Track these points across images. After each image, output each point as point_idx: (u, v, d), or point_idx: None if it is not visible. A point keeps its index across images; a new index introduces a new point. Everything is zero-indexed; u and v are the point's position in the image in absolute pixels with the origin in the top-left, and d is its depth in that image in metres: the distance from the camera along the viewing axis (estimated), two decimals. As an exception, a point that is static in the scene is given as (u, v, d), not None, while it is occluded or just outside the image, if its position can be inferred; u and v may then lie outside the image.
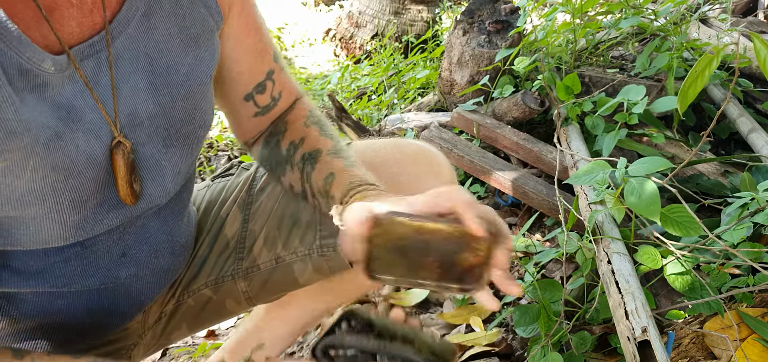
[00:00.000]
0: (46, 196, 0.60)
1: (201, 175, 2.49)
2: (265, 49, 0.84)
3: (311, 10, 5.14)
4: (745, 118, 1.55)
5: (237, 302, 0.96)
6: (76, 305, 0.76)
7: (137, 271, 0.79)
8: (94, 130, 0.63)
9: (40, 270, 0.70)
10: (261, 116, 0.88)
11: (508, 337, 1.28)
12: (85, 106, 0.62)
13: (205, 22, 0.73)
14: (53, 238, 0.65)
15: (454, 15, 3.71)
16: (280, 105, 0.90)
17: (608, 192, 1.09)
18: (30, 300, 0.73)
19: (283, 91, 0.89)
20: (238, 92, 0.85)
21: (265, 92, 0.86)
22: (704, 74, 0.84)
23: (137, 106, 0.67)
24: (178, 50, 0.70)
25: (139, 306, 0.84)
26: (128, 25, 0.65)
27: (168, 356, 1.45)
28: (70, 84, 0.61)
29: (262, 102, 0.87)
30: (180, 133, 0.73)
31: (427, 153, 0.94)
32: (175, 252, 0.85)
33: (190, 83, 0.72)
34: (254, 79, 0.85)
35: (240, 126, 0.90)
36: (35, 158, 0.57)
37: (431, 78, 2.65)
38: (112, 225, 0.70)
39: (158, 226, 0.79)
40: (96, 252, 0.72)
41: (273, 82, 0.87)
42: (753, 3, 2.62)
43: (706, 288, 0.99)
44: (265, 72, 0.85)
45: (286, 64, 0.91)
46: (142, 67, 0.67)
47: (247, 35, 0.81)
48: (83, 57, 0.61)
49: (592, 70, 1.84)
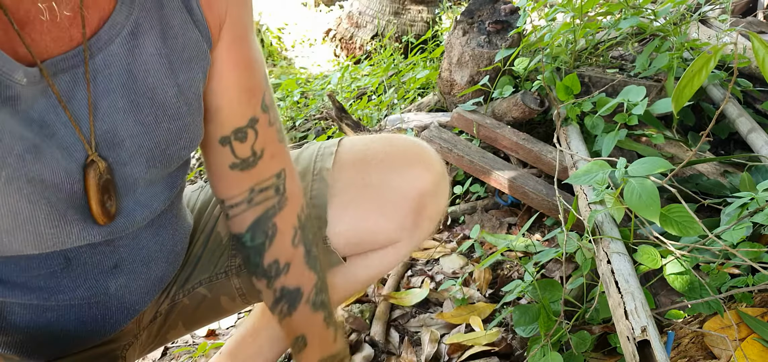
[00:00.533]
0: (20, 209, 0.58)
1: (202, 176, 2.49)
2: (252, 91, 0.77)
3: (311, 10, 5.14)
4: (744, 118, 1.55)
5: (232, 299, 0.96)
6: (66, 317, 0.74)
7: (129, 282, 0.77)
8: (67, 146, 0.61)
9: (23, 281, 0.68)
10: (239, 171, 0.79)
11: (507, 337, 1.28)
12: (58, 121, 0.60)
13: (198, 44, 0.70)
14: (28, 247, 0.62)
15: (454, 15, 3.71)
16: (262, 166, 0.80)
17: (608, 192, 1.09)
18: (17, 312, 0.71)
19: (267, 150, 0.80)
20: (213, 131, 0.77)
21: (245, 141, 0.78)
22: (701, 73, 0.84)
23: (116, 125, 0.64)
24: (166, 71, 0.67)
25: (132, 313, 0.82)
26: (111, 43, 0.62)
27: (168, 356, 1.45)
28: (43, 98, 0.59)
29: (240, 152, 0.78)
30: (165, 154, 0.70)
31: (417, 147, 0.96)
32: (169, 260, 0.83)
33: (178, 105, 0.69)
34: (233, 122, 0.76)
35: (216, 176, 0.81)
36: (8, 169, 0.55)
37: (431, 78, 2.65)
38: (93, 241, 0.68)
39: (151, 237, 0.77)
40: (83, 264, 0.70)
41: (256, 133, 0.78)
42: (753, 3, 2.62)
43: (706, 288, 0.99)
44: (248, 117, 0.77)
45: (278, 122, 0.83)
46: (123, 85, 0.64)
47: (234, 71, 0.75)
48: (57, 71, 0.59)
49: (592, 71, 1.84)
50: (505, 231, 1.68)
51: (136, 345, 0.91)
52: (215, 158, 0.79)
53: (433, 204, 0.96)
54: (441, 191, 0.97)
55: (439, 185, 0.96)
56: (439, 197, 0.96)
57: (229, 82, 0.75)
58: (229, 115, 0.76)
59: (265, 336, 1.12)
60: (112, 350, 0.86)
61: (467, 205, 1.83)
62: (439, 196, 0.96)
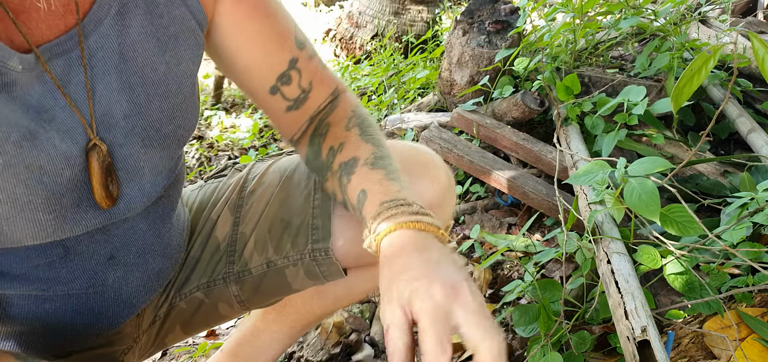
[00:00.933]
0: (18, 195, 0.59)
1: (203, 176, 2.49)
2: (281, 35, 0.79)
3: (311, 10, 5.14)
4: (744, 118, 1.55)
5: (230, 306, 0.95)
6: (64, 308, 0.74)
7: (126, 274, 0.77)
8: (67, 130, 0.62)
9: (23, 272, 0.68)
10: (295, 110, 0.84)
11: (507, 337, 1.28)
12: (56, 106, 0.61)
13: (185, 21, 0.71)
14: (28, 237, 0.63)
15: (454, 15, 3.71)
16: (314, 97, 0.84)
17: (608, 192, 1.09)
18: (16, 303, 0.72)
19: (314, 80, 0.83)
20: (259, 85, 0.81)
21: (291, 83, 0.81)
22: (700, 73, 0.84)
23: (112, 106, 0.65)
24: (154, 49, 0.68)
25: (131, 309, 0.82)
26: (100, 24, 0.63)
27: (168, 355, 1.45)
28: (38, 84, 0.59)
29: (290, 94, 0.82)
30: (160, 134, 0.71)
31: (423, 157, 0.92)
32: (166, 254, 0.83)
33: (168, 82, 0.70)
34: (274, 70, 0.80)
35: (278, 123, 0.86)
36: (5, 156, 0.56)
37: (431, 78, 2.65)
38: (91, 227, 0.68)
39: (147, 228, 0.77)
40: (80, 254, 0.71)
41: (299, 72, 0.81)
42: (753, 3, 2.62)
43: (706, 288, 0.99)
44: (287, 61, 0.80)
45: (316, 51, 0.85)
46: (116, 66, 0.65)
47: (252, 21, 0.76)
48: (51, 56, 0.60)
49: (592, 71, 1.84)
50: (505, 232, 1.68)
51: (136, 349, 0.91)
52: (271, 107, 0.83)
53: (439, 217, 0.91)
54: (447, 202, 0.93)
55: (444, 198, 0.92)
56: (444, 208, 0.92)
57: (252, 34, 0.77)
58: (268, 64, 0.79)
59: (265, 337, 1.12)
60: (112, 353, 0.85)
61: (467, 205, 1.83)
62: (445, 208, 0.92)
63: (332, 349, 1.34)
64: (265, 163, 1.02)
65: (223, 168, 1.09)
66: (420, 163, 0.90)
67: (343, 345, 1.34)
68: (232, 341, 1.16)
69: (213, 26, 0.77)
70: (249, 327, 1.14)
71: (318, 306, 1.06)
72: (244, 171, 1.00)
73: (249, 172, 1.00)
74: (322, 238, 0.89)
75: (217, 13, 0.75)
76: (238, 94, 3.67)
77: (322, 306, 1.06)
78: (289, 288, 0.94)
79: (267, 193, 0.94)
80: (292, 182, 0.94)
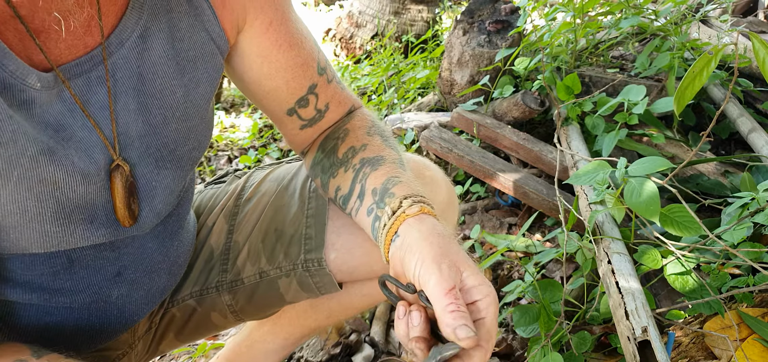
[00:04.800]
0: (28, 207, 0.59)
1: (201, 176, 2.49)
2: (305, 63, 0.81)
3: (311, 10, 5.14)
4: (745, 118, 1.55)
5: (223, 316, 0.94)
6: (65, 322, 0.74)
7: (130, 291, 0.77)
8: (85, 149, 0.62)
9: (26, 279, 0.68)
10: (309, 128, 0.86)
11: (508, 337, 1.28)
12: (75, 124, 0.61)
13: (205, 45, 0.71)
14: (33, 245, 0.64)
15: (454, 15, 3.71)
16: (329, 116, 0.87)
17: (608, 192, 1.09)
18: (17, 313, 0.71)
19: (331, 102, 0.86)
20: (277, 107, 0.83)
21: (308, 106, 0.84)
22: (702, 74, 0.84)
23: (128, 126, 0.66)
24: (173, 73, 0.69)
25: (130, 323, 0.82)
26: (122, 46, 0.64)
27: (168, 356, 1.45)
28: (58, 102, 0.60)
29: (306, 115, 0.85)
30: (174, 155, 0.72)
31: (429, 172, 0.92)
32: (171, 271, 0.83)
33: (186, 105, 0.71)
34: (294, 95, 0.82)
35: (290, 138, 0.88)
36: (20, 169, 0.56)
37: (431, 78, 2.65)
38: (98, 242, 0.69)
39: (156, 247, 0.77)
40: (86, 267, 0.71)
41: (316, 96, 0.84)
42: (753, 3, 2.61)
43: (707, 288, 0.99)
44: (306, 87, 0.82)
45: (336, 74, 0.88)
46: (134, 87, 0.65)
47: (279, 51, 0.78)
48: (71, 76, 0.61)
49: (592, 70, 1.84)
50: (505, 232, 1.68)
51: (131, 355, 0.90)
52: (286, 126, 0.86)
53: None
54: (449, 215, 0.92)
55: (445, 212, 0.91)
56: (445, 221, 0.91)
57: (278, 63, 0.79)
58: (288, 90, 0.81)
59: (260, 347, 1.12)
60: (107, 358, 0.85)
61: (467, 205, 1.82)
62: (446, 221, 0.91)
63: (332, 349, 1.34)
64: (264, 170, 1.01)
65: (223, 174, 1.08)
66: (425, 177, 0.90)
67: (343, 345, 1.34)
68: (228, 349, 1.16)
69: (235, 51, 0.77)
70: (245, 336, 1.14)
71: (312, 320, 1.06)
72: (242, 178, 1.00)
73: (247, 179, 0.99)
74: (315, 248, 0.88)
75: (242, 39, 0.76)
76: (238, 94, 3.66)
77: (316, 320, 1.05)
78: (282, 300, 0.93)
79: (262, 202, 0.94)
80: (288, 192, 0.93)
